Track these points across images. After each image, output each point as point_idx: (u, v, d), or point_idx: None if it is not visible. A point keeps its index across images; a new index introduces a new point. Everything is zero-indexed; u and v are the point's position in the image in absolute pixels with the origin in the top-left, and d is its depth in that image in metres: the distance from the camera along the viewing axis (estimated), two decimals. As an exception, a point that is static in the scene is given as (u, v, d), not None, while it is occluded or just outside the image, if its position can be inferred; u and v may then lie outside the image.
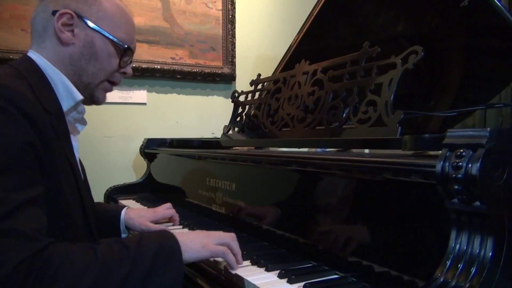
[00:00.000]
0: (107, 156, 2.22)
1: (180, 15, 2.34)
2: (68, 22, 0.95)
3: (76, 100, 0.97)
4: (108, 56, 1.00)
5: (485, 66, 1.52)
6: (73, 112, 0.99)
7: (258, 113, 1.51)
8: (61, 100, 0.94)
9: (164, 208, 1.38)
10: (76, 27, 0.96)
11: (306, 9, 1.77)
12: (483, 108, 1.96)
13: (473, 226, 0.65)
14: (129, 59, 1.06)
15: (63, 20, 0.94)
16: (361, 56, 1.12)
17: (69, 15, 0.94)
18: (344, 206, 0.95)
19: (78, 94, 0.97)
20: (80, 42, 0.96)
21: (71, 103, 0.96)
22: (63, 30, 0.94)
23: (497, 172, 0.64)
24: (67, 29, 0.95)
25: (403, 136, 0.89)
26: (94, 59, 0.98)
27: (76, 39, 0.96)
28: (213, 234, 0.96)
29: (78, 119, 1.04)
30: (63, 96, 0.95)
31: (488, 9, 1.20)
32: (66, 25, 0.95)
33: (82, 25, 0.96)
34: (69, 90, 0.96)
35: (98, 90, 1.04)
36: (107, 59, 1.01)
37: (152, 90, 2.34)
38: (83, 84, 1.00)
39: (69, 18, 0.94)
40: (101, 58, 0.99)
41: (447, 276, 0.64)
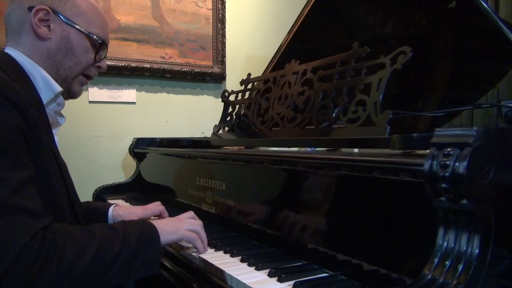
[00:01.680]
0: (96, 155, 2.21)
1: (170, 14, 2.33)
2: (44, 17, 0.98)
3: (55, 92, 1.00)
4: (84, 51, 1.05)
5: (473, 67, 1.54)
6: (52, 104, 1.02)
7: (248, 112, 1.51)
8: (40, 93, 0.96)
9: (154, 205, 1.38)
10: (52, 22, 0.99)
11: (296, 9, 1.77)
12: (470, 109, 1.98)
13: (460, 224, 0.66)
14: (104, 54, 1.11)
15: (39, 15, 0.97)
16: (350, 56, 1.13)
17: (45, 10, 0.98)
18: (334, 205, 0.96)
19: (57, 86, 1.00)
20: (57, 37, 1.00)
21: (51, 95, 0.99)
22: (40, 25, 0.98)
23: (484, 170, 0.65)
24: (44, 24, 0.98)
25: (392, 135, 0.90)
26: (70, 53, 1.02)
27: (53, 34, 1.00)
28: (184, 220, 1.07)
29: (58, 111, 1.06)
30: (42, 88, 0.97)
31: (475, 11, 1.22)
32: (42, 20, 0.98)
33: (58, 21, 1.00)
34: (48, 82, 0.99)
35: (75, 84, 1.08)
36: (84, 53, 1.05)
37: (142, 89, 2.32)
38: (60, 78, 1.03)
39: (45, 13, 0.98)
40: (78, 52, 1.03)
41: (435, 273, 0.65)
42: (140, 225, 0.95)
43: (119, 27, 2.20)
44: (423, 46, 1.55)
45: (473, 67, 1.55)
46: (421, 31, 1.57)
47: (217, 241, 1.15)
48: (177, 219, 1.08)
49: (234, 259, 1.02)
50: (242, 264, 0.98)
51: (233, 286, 0.89)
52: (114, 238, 0.85)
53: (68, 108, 1.16)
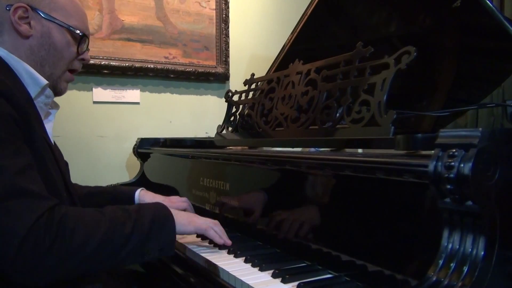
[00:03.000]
0: (100, 155, 2.21)
1: (174, 14, 2.33)
2: (23, 15, 0.98)
3: (41, 85, 1.00)
4: (66, 45, 1.05)
5: (477, 66, 1.54)
6: (41, 96, 1.02)
7: (252, 112, 1.51)
8: (27, 87, 0.97)
9: (180, 200, 1.38)
10: (32, 19, 0.99)
11: (299, 9, 1.77)
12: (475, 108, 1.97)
13: (465, 225, 0.66)
14: (86, 46, 1.10)
15: (18, 13, 0.97)
16: (354, 56, 1.13)
17: (24, 8, 0.98)
18: (338, 206, 0.95)
19: (43, 79, 1.00)
20: (38, 33, 1.01)
21: (37, 89, 0.99)
22: (20, 23, 0.98)
23: (489, 172, 0.65)
24: (24, 22, 0.99)
25: (396, 136, 0.90)
26: (53, 48, 1.03)
27: (34, 31, 1.00)
28: (200, 217, 1.10)
29: (48, 103, 1.06)
30: (29, 83, 0.98)
31: (480, 10, 1.21)
32: (22, 18, 0.98)
33: (37, 17, 1.00)
34: (33, 76, 0.99)
35: (61, 81, 1.08)
36: (66, 48, 1.05)
37: (146, 90, 2.32)
38: (46, 74, 1.03)
39: (24, 11, 0.98)
40: (60, 47, 1.04)
41: (439, 275, 0.65)
42: (154, 208, 0.96)
43: (123, 28, 2.20)
44: (427, 46, 1.55)
45: (478, 66, 1.54)
46: (426, 30, 1.56)
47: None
48: (193, 214, 1.11)
49: (238, 259, 1.02)
50: (246, 265, 0.98)
51: (236, 286, 0.90)
52: (126, 219, 0.87)
53: (73, 108, 1.16)
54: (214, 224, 1.11)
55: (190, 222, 1.04)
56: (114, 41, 2.17)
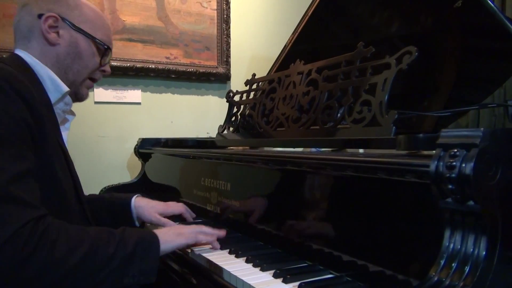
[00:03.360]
0: (102, 156, 2.21)
1: (175, 14, 2.33)
2: (53, 24, 1.04)
3: (63, 92, 1.04)
4: (91, 55, 1.11)
5: (479, 66, 1.53)
6: (60, 103, 1.06)
7: (253, 113, 1.51)
8: (48, 93, 1.01)
9: (176, 205, 1.39)
10: (61, 28, 1.05)
11: (301, 9, 1.77)
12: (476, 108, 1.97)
13: (467, 225, 0.66)
14: (108, 58, 1.17)
15: (49, 22, 1.03)
16: (355, 56, 1.13)
17: (54, 17, 1.03)
18: (339, 206, 0.95)
19: (65, 86, 1.05)
20: (66, 42, 1.06)
21: (58, 95, 1.04)
22: (50, 31, 1.03)
23: (491, 171, 0.65)
24: (53, 30, 1.04)
25: (397, 136, 0.90)
26: (78, 57, 1.08)
27: (62, 40, 1.05)
28: (187, 227, 1.10)
29: (66, 110, 1.11)
30: (51, 89, 1.02)
31: (482, 10, 1.21)
32: (52, 27, 1.04)
33: (66, 27, 1.06)
34: (56, 83, 1.03)
35: (82, 87, 1.14)
36: (90, 58, 1.11)
37: (147, 90, 2.33)
38: (69, 81, 1.08)
39: (55, 20, 1.04)
40: (85, 56, 1.09)
41: (441, 275, 0.65)
42: (140, 232, 0.95)
43: (124, 28, 2.20)
44: (428, 46, 1.55)
45: (479, 66, 1.54)
46: (427, 30, 1.56)
47: (222, 241, 1.15)
48: (179, 226, 1.11)
49: (239, 259, 1.02)
50: (247, 265, 0.98)
51: (238, 286, 0.90)
52: (110, 240, 0.86)
53: (74, 109, 1.17)
54: (200, 227, 1.11)
55: (180, 235, 1.04)
56: (115, 41, 2.17)
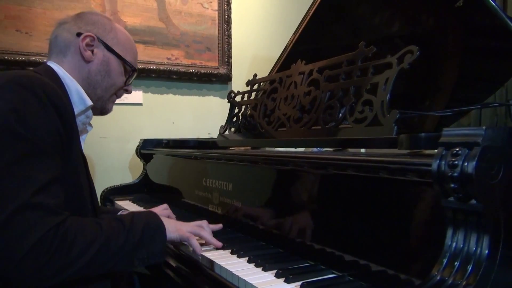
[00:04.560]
0: (103, 156, 2.22)
1: (176, 15, 2.34)
2: (90, 43, 1.13)
3: (87, 105, 1.12)
4: (119, 74, 1.20)
5: (480, 66, 1.53)
6: (82, 116, 1.14)
7: (254, 113, 1.51)
8: (73, 105, 1.06)
9: (161, 209, 1.39)
10: (96, 47, 1.15)
11: (302, 9, 1.77)
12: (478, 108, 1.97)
13: (469, 224, 0.65)
14: (133, 79, 1.27)
15: (86, 41, 1.13)
16: (357, 56, 1.13)
17: (91, 37, 1.13)
18: (341, 206, 0.95)
19: (89, 100, 1.13)
20: (99, 60, 1.15)
21: (82, 108, 1.11)
22: (86, 49, 1.13)
23: (493, 170, 0.65)
24: (89, 48, 1.13)
25: (399, 135, 0.90)
26: (108, 75, 1.17)
27: (95, 58, 1.15)
28: (187, 224, 1.15)
29: (86, 123, 1.19)
30: (76, 101, 1.09)
31: (483, 9, 1.21)
32: (88, 45, 1.13)
33: (101, 47, 1.16)
34: (82, 96, 1.11)
35: (109, 103, 1.24)
36: (118, 77, 1.20)
37: (148, 91, 2.33)
38: (96, 96, 1.17)
39: (91, 39, 1.13)
40: (114, 75, 1.19)
41: (443, 274, 0.65)
42: (146, 217, 1.03)
43: (125, 29, 2.20)
44: (430, 45, 1.54)
45: (481, 66, 1.54)
46: (428, 30, 1.56)
47: (224, 241, 1.15)
48: (182, 223, 1.15)
49: (241, 259, 1.02)
50: (249, 265, 0.98)
51: (240, 286, 0.89)
52: (120, 230, 0.95)
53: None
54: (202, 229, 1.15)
55: (177, 230, 1.09)
56: (116, 42, 2.18)
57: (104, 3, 2.15)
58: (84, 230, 0.90)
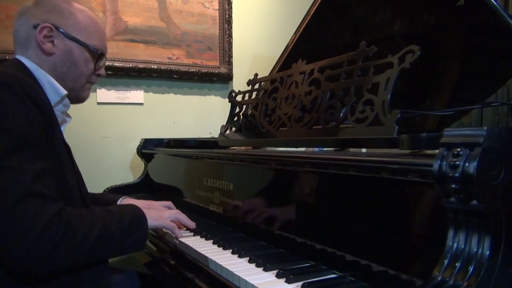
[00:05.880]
0: (104, 156, 2.22)
1: (177, 15, 2.34)
2: (48, 34, 1.07)
3: (61, 95, 1.09)
4: (85, 62, 1.14)
5: (482, 65, 1.53)
6: (59, 105, 1.11)
7: (255, 112, 1.51)
8: (48, 95, 1.04)
9: (161, 205, 1.39)
10: (55, 38, 1.09)
11: (302, 9, 1.76)
12: (479, 107, 1.96)
13: (471, 225, 0.65)
14: (102, 63, 1.21)
15: (44, 33, 1.07)
16: (358, 56, 1.12)
17: (49, 28, 1.07)
18: (342, 206, 0.95)
19: (63, 89, 1.10)
20: (60, 51, 1.10)
21: (57, 98, 1.09)
22: (45, 42, 1.07)
23: (494, 171, 0.64)
24: (48, 40, 1.08)
25: (400, 135, 0.89)
26: (73, 65, 1.12)
27: (57, 49, 1.09)
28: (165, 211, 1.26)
29: (64, 111, 1.15)
30: (50, 92, 1.07)
31: (484, 8, 1.20)
32: (47, 37, 1.07)
33: (60, 36, 1.09)
34: (54, 87, 1.08)
35: (82, 91, 1.19)
36: (85, 64, 1.15)
37: (149, 90, 2.33)
38: (68, 88, 1.12)
39: (49, 30, 1.07)
40: (80, 64, 1.13)
41: (445, 275, 0.65)
42: (131, 209, 1.11)
43: (126, 29, 2.21)
44: (431, 45, 1.54)
45: (482, 65, 1.53)
46: (429, 29, 1.56)
47: (225, 241, 1.15)
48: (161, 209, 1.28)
49: (242, 259, 1.02)
50: (250, 265, 0.98)
51: (241, 287, 0.89)
52: (111, 220, 1.01)
53: (77, 109, 1.19)
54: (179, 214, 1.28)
55: (160, 218, 1.19)
56: (117, 42, 2.18)
57: (105, 2, 2.15)
58: (83, 218, 0.95)
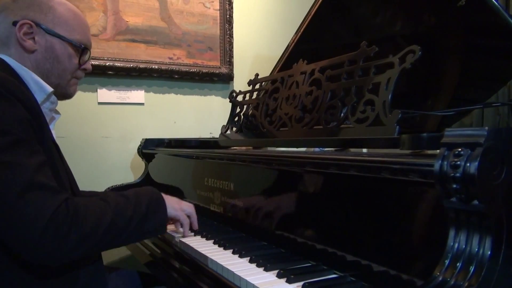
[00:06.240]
0: (105, 156, 2.22)
1: (178, 15, 2.34)
2: (28, 31, 1.04)
3: (47, 92, 1.06)
4: (68, 57, 1.11)
5: (483, 65, 1.53)
6: (46, 103, 1.08)
7: (256, 113, 1.51)
8: (34, 94, 1.02)
9: None
10: (36, 34, 1.05)
11: (303, 9, 1.76)
12: (480, 107, 1.96)
13: (472, 225, 0.65)
14: (87, 57, 1.16)
15: (24, 30, 1.03)
16: (358, 56, 1.12)
17: (28, 24, 1.03)
18: (343, 206, 0.95)
19: (48, 87, 1.06)
20: (42, 48, 1.06)
21: (43, 96, 1.06)
22: (25, 39, 1.04)
23: (495, 171, 0.64)
24: (28, 37, 1.04)
25: (401, 135, 0.89)
26: (56, 61, 1.09)
27: (38, 46, 1.06)
28: (183, 203, 1.25)
29: (52, 108, 1.12)
30: (35, 90, 1.04)
31: (485, 8, 1.20)
32: (27, 34, 1.04)
33: (41, 33, 1.06)
34: (39, 84, 1.05)
35: (69, 87, 1.15)
36: (68, 60, 1.11)
37: (150, 90, 2.33)
38: (53, 84, 1.09)
39: (29, 27, 1.04)
40: (63, 60, 1.10)
41: (445, 275, 0.65)
42: (149, 193, 1.10)
43: (127, 29, 2.21)
44: (432, 45, 1.54)
45: (483, 65, 1.53)
46: (430, 29, 1.55)
47: (226, 241, 1.15)
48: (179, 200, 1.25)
49: (242, 259, 1.02)
50: (251, 265, 0.98)
51: (241, 286, 0.89)
52: (126, 205, 1.00)
53: (78, 109, 1.18)
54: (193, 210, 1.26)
55: (176, 209, 1.18)
56: (118, 42, 2.18)
57: (106, 2, 2.15)
58: (93, 205, 0.94)
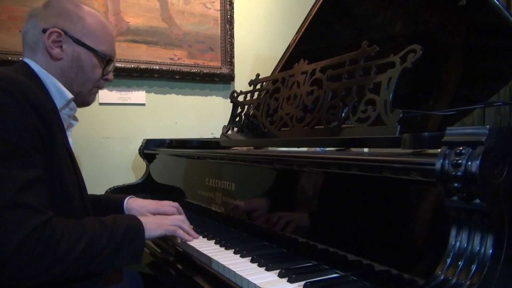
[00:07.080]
0: (106, 157, 2.22)
1: (179, 15, 2.34)
2: (57, 39, 1.07)
3: (67, 99, 1.09)
4: (92, 67, 1.14)
5: (484, 64, 1.53)
6: (66, 109, 1.11)
7: (257, 113, 1.51)
8: (54, 99, 1.05)
9: (169, 204, 1.38)
10: (64, 43, 1.08)
11: (304, 9, 1.77)
12: (482, 107, 1.96)
13: (473, 223, 0.65)
14: (111, 68, 1.20)
15: (52, 37, 1.06)
16: (359, 55, 1.12)
17: (58, 33, 1.07)
18: (344, 205, 0.95)
19: (69, 93, 1.09)
20: (68, 56, 1.09)
21: (63, 102, 1.08)
22: (53, 47, 1.07)
23: (497, 169, 0.64)
24: (56, 45, 1.07)
25: (403, 134, 0.89)
26: (81, 71, 1.12)
27: (65, 54, 1.09)
28: (167, 217, 1.21)
29: (71, 115, 1.15)
30: (56, 96, 1.07)
31: (487, 8, 1.20)
32: (55, 42, 1.07)
33: (69, 42, 1.09)
34: (60, 91, 1.08)
35: (90, 95, 1.19)
36: (92, 70, 1.14)
37: (151, 91, 2.33)
38: (75, 92, 1.12)
39: (58, 35, 1.07)
40: (87, 69, 1.13)
41: (447, 274, 0.65)
42: (127, 220, 1.06)
43: (128, 29, 2.21)
44: (433, 44, 1.54)
45: (485, 65, 1.53)
46: (431, 29, 1.55)
47: (227, 241, 1.15)
48: (162, 217, 1.21)
49: (244, 259, 1.02)
50: (252, 265, 0.98)
51: (243, 286, 0.89)
52: (102, 232, 0.97)
53: (79, 110, 1.18)
54: (182, 222, 1.21)
55: (160, 226, 1.13)
56: (119, 42, 2.18)
57: (106, 3, 2.15)
58: (69, 230, 0.91)
